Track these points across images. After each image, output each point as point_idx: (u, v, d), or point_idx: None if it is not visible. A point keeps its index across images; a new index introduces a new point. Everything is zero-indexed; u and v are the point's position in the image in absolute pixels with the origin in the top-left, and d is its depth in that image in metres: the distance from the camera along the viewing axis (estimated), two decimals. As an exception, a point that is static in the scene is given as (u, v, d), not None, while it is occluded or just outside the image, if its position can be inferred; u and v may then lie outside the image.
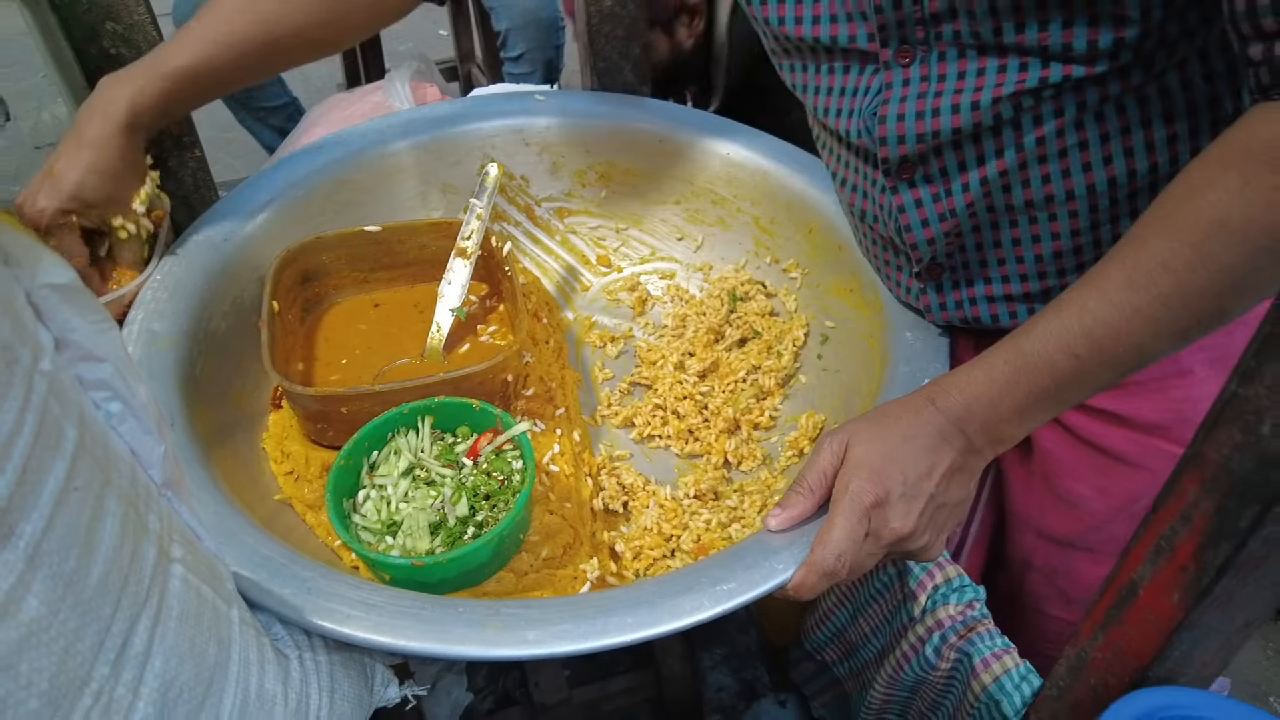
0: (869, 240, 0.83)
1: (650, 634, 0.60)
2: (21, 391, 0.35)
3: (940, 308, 0.79)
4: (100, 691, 0.37)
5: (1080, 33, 0.58)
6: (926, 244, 0.74)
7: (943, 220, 0.72)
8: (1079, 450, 0.80)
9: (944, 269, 0.77)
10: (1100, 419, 0.78)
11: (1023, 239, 0.72)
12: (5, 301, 0.35)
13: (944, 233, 0.72)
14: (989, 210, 0.71)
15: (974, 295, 0.77)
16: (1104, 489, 0.80)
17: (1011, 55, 0.62)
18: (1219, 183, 0.51)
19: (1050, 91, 0.62)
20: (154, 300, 0.79)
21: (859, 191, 0.78)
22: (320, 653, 0.55)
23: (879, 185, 0.75)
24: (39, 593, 0.34)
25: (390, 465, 0.75)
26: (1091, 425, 0.79)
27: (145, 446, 0.44)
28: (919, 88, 0.67)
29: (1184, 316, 0.53)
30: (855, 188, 0.79)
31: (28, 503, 0.34)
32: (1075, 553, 0.83)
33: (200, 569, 0.46)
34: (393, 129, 0.98)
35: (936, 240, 0.73)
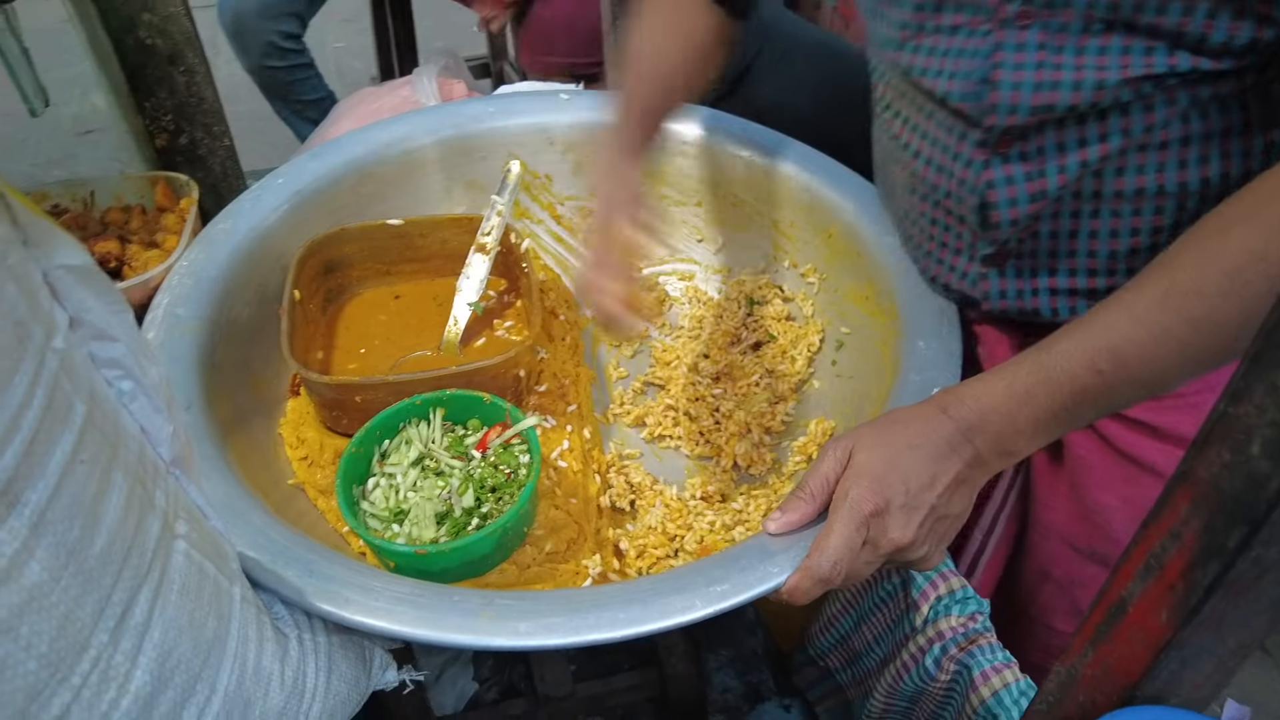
0: (925, 221, 0.79)
1: (640, 631, 0.60)
2: (33, 366, 0.36)
3: (999, 295, 0.76)
4: (99, 658, 0.39)
5: (1222, 25, 0.57)
6: (1009, 224, 0.71)
7: (1033, 200, 0.69)
8: (1111, 459, 0.79)
9: (1011, 255, 0.74)
10: (1135, 429, 0.77)
11: (1101, 231, 0.69)
12: (22, 280, 0.37)
13: (1030, 214, 0.69)
14: (1075, 196, 0.68)
15: (1037, 286, 0.74)
16: (1130, 499, 0.78)
17: (1140, 37, 0.60)
18: (1260, 215, 0.51)
19: (1174, 80, 0.60)
20: (179, 285, 0.81)
21: (934, 164, 0.74)
22: (319, 634, 0.57)
23: (964, 158, 0.71)
24: (42, 559, 0.36)
25: (401, 454, 0.77)
26: (1126, 435, 0.78)
27: (155, 425, 0.45)
28: (1036, 55, 0.64)
29: (1211, 343, 0.53)
30: (930, 160, 0.74)
31: (34, 473, 0.36)
32: (1093, 565, 0.82)
33: (204, 545, 0.47)
34: (419, 125, 1.00)
35: (1020, 221, 0.70)
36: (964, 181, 0.72)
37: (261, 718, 0.48)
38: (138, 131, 0.92)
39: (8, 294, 0.35)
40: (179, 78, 0.89)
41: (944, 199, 0.75)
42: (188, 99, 0.91)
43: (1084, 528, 0.82)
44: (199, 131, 0.91)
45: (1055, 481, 0.84)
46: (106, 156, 0.89)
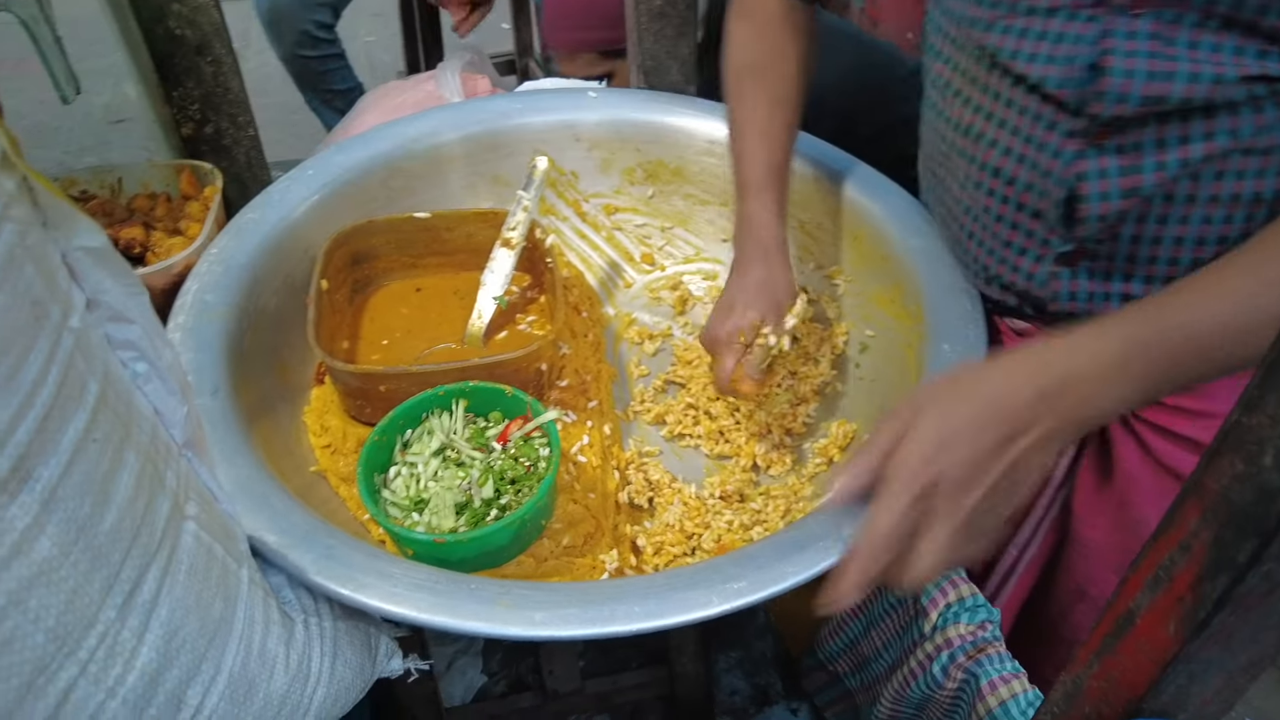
0: (990, 216, 0.75)
1: (655, 625, 0.60)
2: (48, 345, 0.37)
3: (1069, 296, 0.74)
4: (106, 634, 0.40)
5: None
6: (1095, 220, 0.68)
7: (1124, 196, 0.66)
8: (1158, 475, 0.78)
9: (1088, 255, 0.71)
10: (1179, 444, 0.76)
11: (1187, 237, 0.67)
12: (40, 261, 0.38)
13: (1119, 211, 0.67)
14: (1167, 198, 0.66)
15: (1110, 290, 0.72)
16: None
17: (1257, 39, 0.58)
18: None
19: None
20: (209, 273, 0.82)
21: (1013, 154, 0.70)
22: (326, 619, 0.57)
23: (1051, 148, 0.68)
24: (52, 535, 0.37)
25: (423, 444, 0.77)
26: (1174, 451, 0.76)
27: (169, 407, 0.46)
28: (1148, 44, 0.61)
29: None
30: (1010, 150, 0.71)
31: (47, 449, 0.37)
32: None
33: (214, 527, 0.48)
34: (447, 120, 1.00)
35: (1108, 218, 0.67)
36: (1049, 173, 0.69)
37: (265, 700, 0.49)
38: (165, 120, 0.94)
39: (26, 273, 0.36)
40: (206, 68, 0.91)
41: (1022, 191, 0.71)
42: (214, 89, 0.93)
43: (1127, 546, 0.80)
44: (224, 121, 0.93)
45: (1099, 499, 0.82)
46: (137, 145, 0.91)
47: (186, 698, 0.44)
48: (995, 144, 0.72)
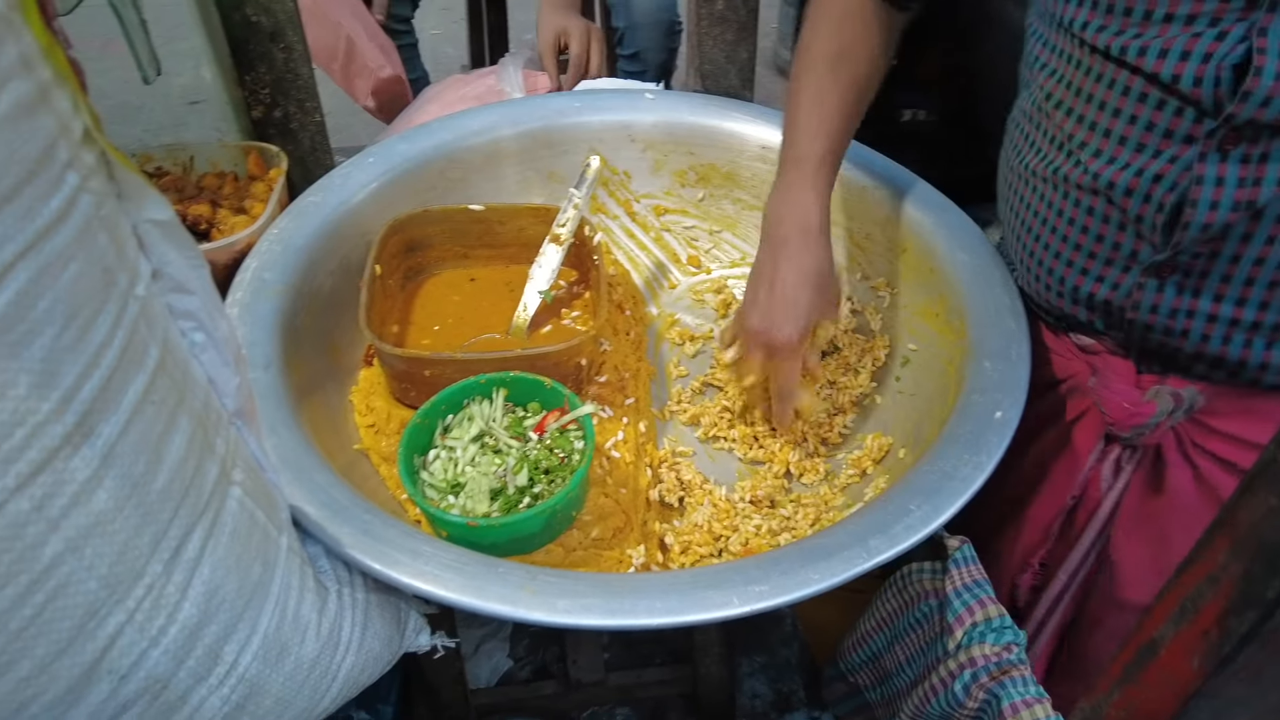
0: (1075, 226, 0.74)
1: (675, 621, 0.61)
2: (116, 310, 0.39)
3: (1150, 309, 0.72)
4: (152, 586, 0.42)
5: None
6: (1200, 229, 0.66)
7: (1235, 209, 0.64)
8: (1204, 499, 0.76)
9: (1180, 268, 0.69)
10: (1234, 473, 0.74)
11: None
12: (113, 230, 0.40)
13: (1226, 223, 0.65)
14: (1277, 220, 0.64)
15: (1196, 307, 0.70)
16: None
17: None
18: None
19: None
20: (268, 252, 0.85)
21: (1117, 161, 0.69)
22: (359, 591, 0.59)
23: (1168, 154, 0.66)
24: (109, 489, 0.39)
25: (462, 430, 0.79)
26: (1226, 479, 0.75)
27: (222, 376, 0.48)
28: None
29: None
30: (1114, 159, 0.69)
31: (109, 407, 0.39)
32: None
33: (258, 495, 0.50)
34: (506, 115, 1.03)
35: (1213, 228, 0.65)
36: (1160, 177, 0.67)
37: (296, 663, 0.51)
38: (237, 103, 0.97)
39: (100, 242, 0.39)
40: (278, 54, 0.94)
41: (1122, 197, 0.69)
42: (285, 74, 0.96)
43: (1156, 576, 0.78)
44: (292, 106, 0.96)
45: (1139, 525, 0.80)
46: (210, 126, 0.95)
47: (223, 654, 0.47)
48: (1099, 153, 0.70)
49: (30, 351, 0.34)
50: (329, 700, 0.56)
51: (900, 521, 0.66)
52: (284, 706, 0.52)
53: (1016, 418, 0.73)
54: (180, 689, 0.44)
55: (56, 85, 0.35)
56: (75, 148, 0.37)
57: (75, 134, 0.37)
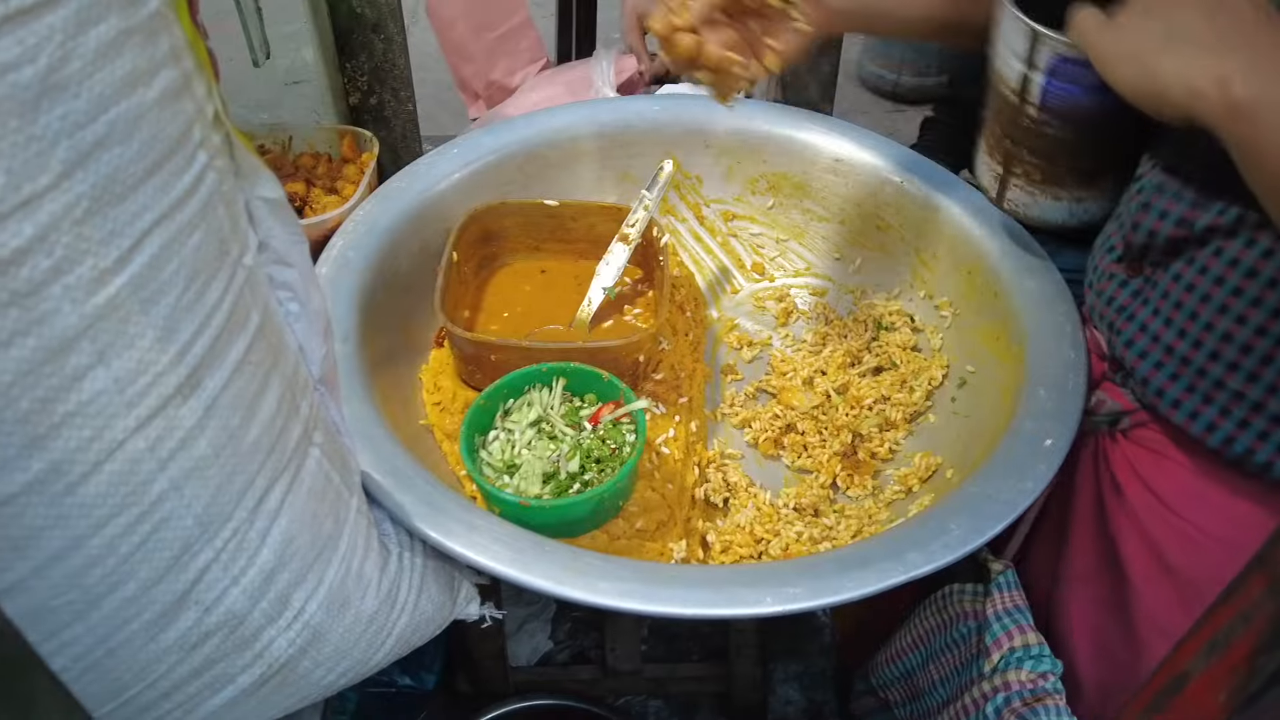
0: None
1: (707, 613, 0.63)
2: (226, 277, 0.44)
3: (1108, 300, 0.74)
4: (237, 530, 0.46)
5: None
6: (1147, 233, 0.68)
7: (1180, 224, 0.66)
8: (1100, 520, 0.76)
9: (1138, 271, 0.70)
10: (1122, 500, 0.74)
11: None
12: (230, 205, 0.44)
13: (1171, 236, 0.66)
14: (1216, 252, 0.64)
15: (1137, 313, 0.70)
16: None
17: None
18: None
19: None
20: (354, 232, 0.90)
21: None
22: (418, 556, 0.63)
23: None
24: (209, 437, 0.43)
25: (521, 414, 0.83)
26: (1117, 505, 0.75)
27: (311, 345, 0.52)
28: None
29: None
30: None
31: (214, 364, 0.43)
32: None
33: (334, 457, 0.54)
34: (587, 115, 1.06)
35: (1158, 235, 0.67)
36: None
37: (355, 616, 0.55)
38: (336, 88, 1.03)
39: (219, 214, 0.43)
40: (378, 44, 0.99)
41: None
42: (383, 63, 1.01)
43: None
44: (387, 94, 1.01)
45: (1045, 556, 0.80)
46: (308, 107, 1.00)
47: (292, 599, 0.51)
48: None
49: (158, 309, 0.39)
50: (381, 655, 0.60)
51: (939, 539, 0.67)
52: (341, 655, 0.56)
53: (1066, 447, 0.74)
54: (253, 626, 0.49)
55: (197, 73, 0.40)
56: (207, 129, 0.41)
57: (208, 117, 0.41)
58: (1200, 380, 0.66)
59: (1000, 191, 0.84)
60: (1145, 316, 0.70)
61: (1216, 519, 0.69)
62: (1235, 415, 0.65)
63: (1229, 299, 0.63)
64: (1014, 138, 0.78)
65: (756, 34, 0.77)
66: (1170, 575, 0.71)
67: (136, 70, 0.35)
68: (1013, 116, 0.76)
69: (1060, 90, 0.72)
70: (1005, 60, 0.75)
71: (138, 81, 0.35)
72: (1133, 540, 0.73)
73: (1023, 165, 0.80)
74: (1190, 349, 0.66)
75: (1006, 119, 0.77)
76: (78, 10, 0.32)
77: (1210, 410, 0.66)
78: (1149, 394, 0.70)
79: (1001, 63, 0.75)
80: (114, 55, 0.34)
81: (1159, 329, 0.68)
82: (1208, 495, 0.69)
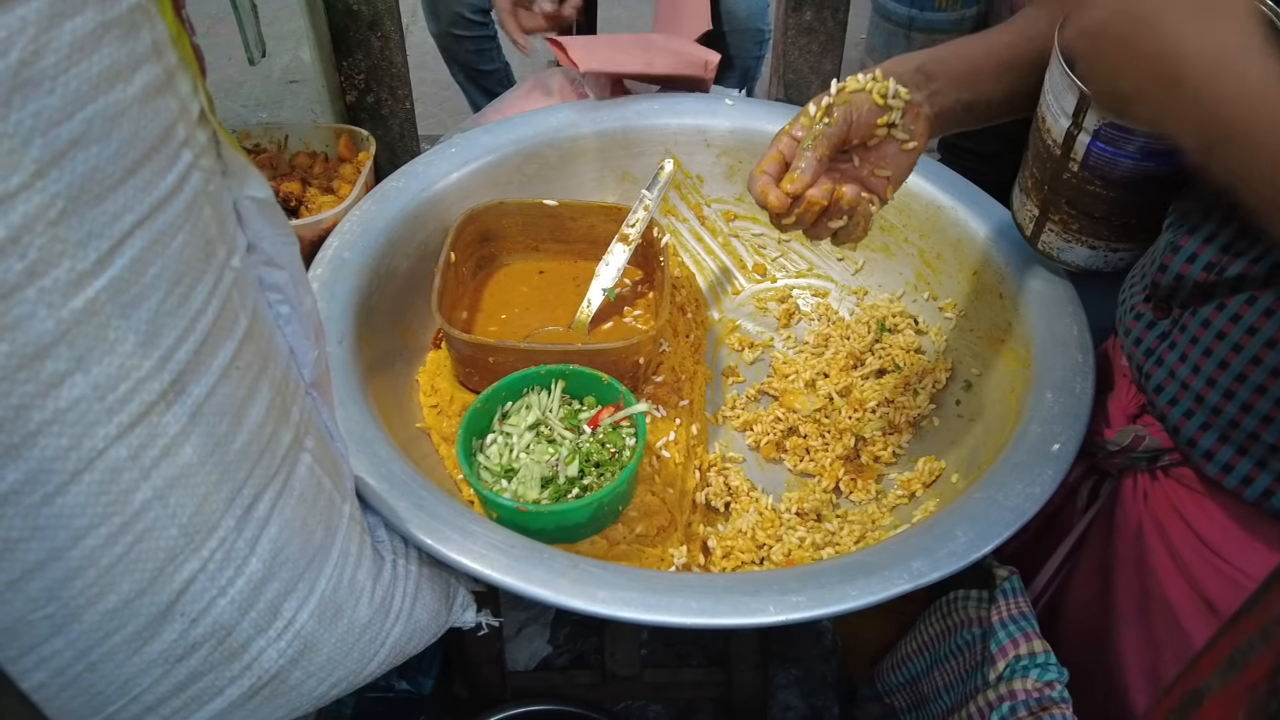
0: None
1: (708, 623, 0.62)
2: (213, 279, 0.42)
3: (1135, 340, 0.71)
4: (224, 539, 0.45)
5: None
6: (1174, 276, 0.65)
7: (1208, 269, 0.63)
8: (1140, 562, 0.74)
9: (1166, 312, 0.68)
10: (1167, 545, 0.72)
11: None
12: (216, 205, 0.43)
13: (1199, 280, 0.64)
14: (1249, 300, 0.62)
15: (1165, 357, 0.67)
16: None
17: None
18: None
19: None
20: (349, 232, 0.89)
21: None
22: (413, 563, 0.62)
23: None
24: (194, 445, 0.42)
25: (520, 417, 0.81)
26: (1161, 549, 0.72)
27: (302, 349, 0.51)
28: None
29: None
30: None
31: (200, 369, 0.42)
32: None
33: (326, 463, 0.53)
34: (587, 114, 1.05)
35: (1186, 279, 0.65)
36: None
37: (348, 626, 0.54)
38: (333, 86, 1.02)
39: (204, 215, 0.42)
40: (375, 42, 0.98)
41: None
42: (380, 62, 1.00)
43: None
44: (385, 93, 1.00)
45: (1086, 599, 0.78)
46: (305, 106, 1.00)
47: (282, 609, 0.49)
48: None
49: (139, 313, 0.37)
50: (375, 665, 0.58)
51: (945, 546, 0.66)
52: (333, 665, 0.55)
53: (1074, 451, 0.73)
54: (242, 638, 0.47)
55: (181, 70, 0.38)
56: (191, 127, 0.40)
57: (193, 115, 0.40)
58: (1233, 432, 0.63)
59: (1035, 233, 0.82)
60: (1173, 362, 0.67)
61: (1262, 564, 0.66)
62: (1273, 468, 0.62)
63: (1262, 350, 0.60)
64: (1054, 187, 0.76)
65: (861, 172, 0.72)
66: (1217, 617, 0.68)
67: (115, 65, 0.33)
68: (1055, 168, 0.75)
69: (1104, 152, 0.70)
70: (1053, 114, 0.73)
71: (117, 77, 0.33)
72: (1178, 583, 0.71)
73: (1060, 214, 0.78)
74: (1221, 399, 0.63)
75: (1048, 169, 0.76)
76: (52, 2, 0.31)
77: (1245, 463, 0.63)
78: (1181, 443, 0.68)
79: (1049, 114, 0.74)
80: (91, 50, 0.32)
81: (1187, 376, 0.66)
82: (1252, 540, 0.66)
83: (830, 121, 0.68)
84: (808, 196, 0.67)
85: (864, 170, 0.72)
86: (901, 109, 0.70)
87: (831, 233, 0.71)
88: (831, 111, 0.69)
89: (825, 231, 0.71)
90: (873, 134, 0.71)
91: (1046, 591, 0.82)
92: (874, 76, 0.71)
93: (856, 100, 0.69)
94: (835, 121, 0.68)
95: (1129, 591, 0.75)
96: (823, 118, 0.68)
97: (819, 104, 0.70)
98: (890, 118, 0.70)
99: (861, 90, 0.70)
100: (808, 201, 0.67)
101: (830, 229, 0.71)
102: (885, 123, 0.70)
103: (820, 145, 0.67)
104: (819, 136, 0.68)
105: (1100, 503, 0.78)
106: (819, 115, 0.69)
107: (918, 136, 0.72)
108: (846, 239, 0.72)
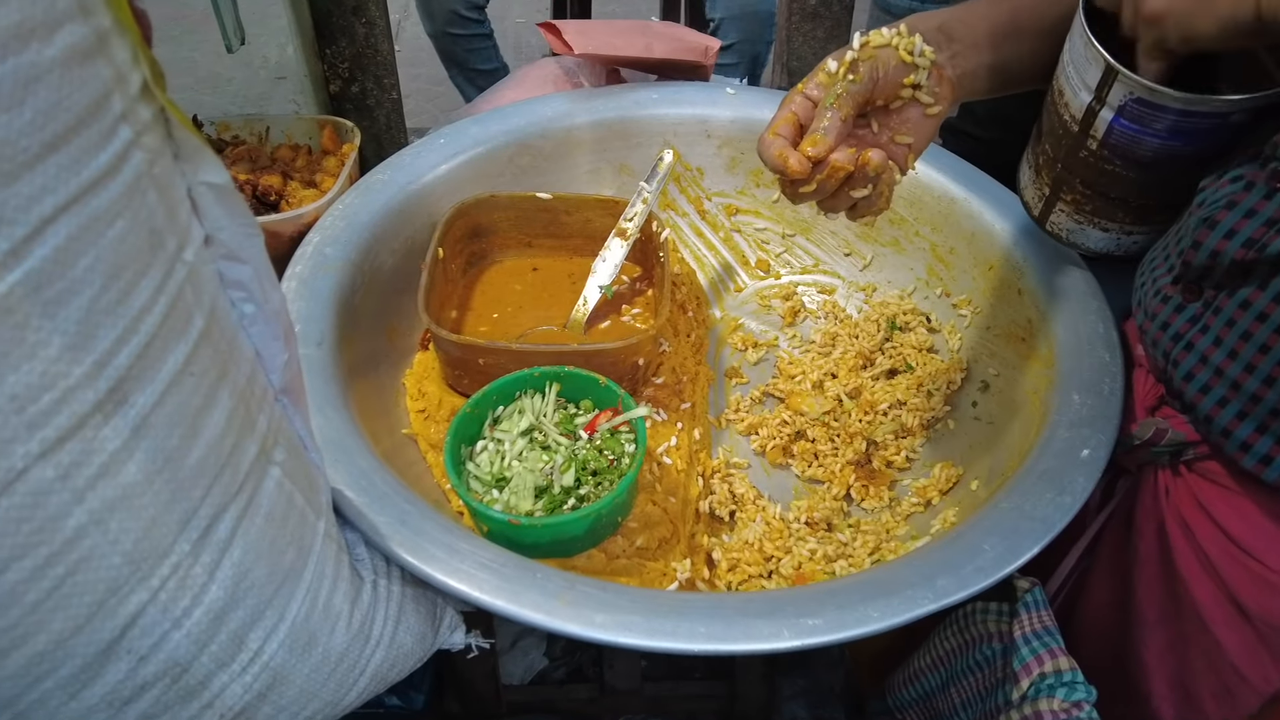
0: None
1: (717, 649, 0.58)
2: (160, 274, 0.37)
3: (1162, 325, 0.67)
4: (179, 566, 0.40)
5: None
6: (1210, 254, 0.62)
7: (1249, 245, 0.59)
8: (1165, 561, 0.70)
9: (1197, 294, 0.64)
10: (1194, 545, 0.67)
11: None
12: (164, 190, 0.38)
13: (1237, 258, 0.60)
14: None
15: (1196, 342, 0.63)
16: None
17: None
18: None
19: None
20: (332, 226, 0.84)
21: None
22: (395, 583, 0.57)
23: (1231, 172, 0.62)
24: (139, 461, 0.37)
25: (512, 423, 0.77)
26: (1186, 549, 0.68)
27: (271, 351, 0.46)
28: None
29: None
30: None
31: (145, 376, 0.37)
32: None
33: (298, 476, 0.48)
34: (582, 104, 1.00)
35: (1223, 255, 0.61)
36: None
37: (324, 654, 0.49)
38: (316, 76, 0.97)
39: (148, 201, 0.37)
40: (360, 28, 0.93)
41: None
42: (365, 49, 0.95)
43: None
44: (370, 82, 0.95)
45: (1104, 602, 0.74)
46: (288, 98, 0.95)
47: (248, 640, 0.45)
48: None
49: (66, 312, 0.32)
50: (354, 695, 0.54)
51: (972, 561, 0.61)
52: (307, 699, 0.50)
53: (1105, 457, 0.68)
54: (201, 674, 0.43)
55: (116, 34, 0.34)
56: (131, 101, 0.35)
57: (132, 87, 0.35)
58: (1273, 421, 0.59)
59: (1045, 213, 0.77)
60: (1205, 347, 0.62)
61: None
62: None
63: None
64: (1068, 165, 0.72)
65: (880, 138, 0.66)
66: (1248, 620, 0.64)
67: (27, 22, 0.28)
68: (1071, 145, 0.70)
69: (1128, 129, 0.65)
70: (1072, 87, 0.68)
71: (30, 35, 0.29)
72: (1205, 584, 0.66)
73: (1074, 193, 0.73)
74: (1261, 386, 0.59)
75: (1063, 146, 0.71)
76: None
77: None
78: (1213, 433, 0.63)
79: (1068, 87, 0.68)
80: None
81: (1222, 362, 0.61)
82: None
83: (855, 78, 0.62)
84: (831, 160, 0.60)
85: (883, 136, 0.66)
86: (928, 68, 0.65)
87: (852, 203, 0.65)
88: (857, 67, 0.62)
89: (846, 201, 0.65)
90: (897, 95, 0.65)
91: (1060, 595, 0.78)
92: (899, 31, 0.65)
93: (883, 56, 0.63)
94: (861, 78, 0.62)
95: (1150, 594, 0.71)
96: (846, 74, 0.62)
97: (841, 59, 0.63)
98: (917, 77, 0.64)
99: (888, 45, 0.64)
100: (831, 166, 0.60)
101: (852, 199, 0.64)
102: (911, 82, 0.64)
103: (844, 104, 0.61)
104: (843, 95, 0.61)
105: (1116, 500, 0.74)
106: (842, 71, 0.62)
107: (942, 100, 0.66)
108: (867, 210, 0.66)
